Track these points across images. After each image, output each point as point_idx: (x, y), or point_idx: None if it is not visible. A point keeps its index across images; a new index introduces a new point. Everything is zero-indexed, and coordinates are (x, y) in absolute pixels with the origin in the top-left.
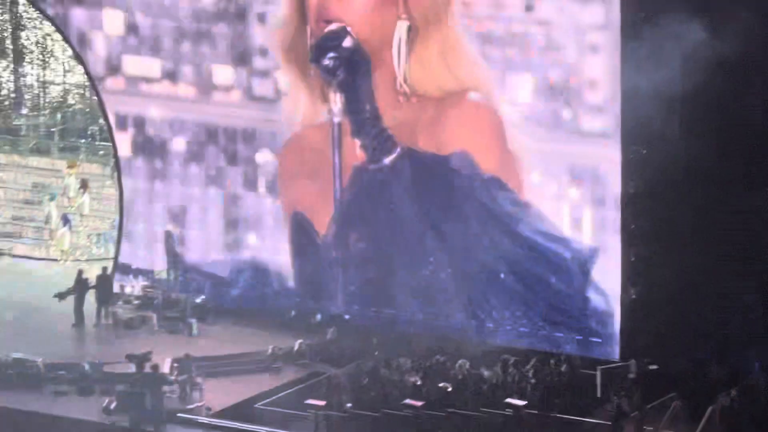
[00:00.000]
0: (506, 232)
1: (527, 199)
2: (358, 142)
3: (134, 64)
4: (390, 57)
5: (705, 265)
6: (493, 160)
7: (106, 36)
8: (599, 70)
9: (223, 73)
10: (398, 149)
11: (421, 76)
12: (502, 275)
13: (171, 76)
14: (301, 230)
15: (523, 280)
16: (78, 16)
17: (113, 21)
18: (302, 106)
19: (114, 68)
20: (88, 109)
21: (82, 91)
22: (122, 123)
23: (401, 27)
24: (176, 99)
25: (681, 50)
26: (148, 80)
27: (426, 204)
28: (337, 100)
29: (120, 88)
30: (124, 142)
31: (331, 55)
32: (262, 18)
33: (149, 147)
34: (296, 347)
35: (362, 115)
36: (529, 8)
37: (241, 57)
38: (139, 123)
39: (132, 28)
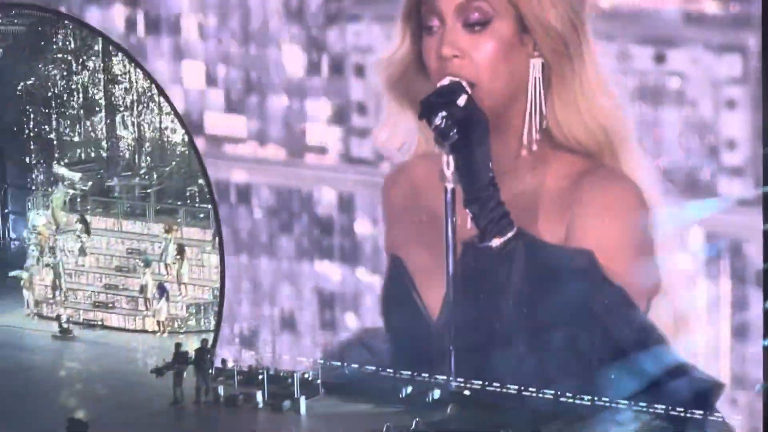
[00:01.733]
0: (626, 356)
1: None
2: (469, 214)
3: (217, 123)
4: (517, 115)
5: None
6: (623, 264)
7: (186, 90)
8: (737, 127)
9: (318, 132)
10: (513, 231)
11: (566, 115)
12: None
13: (259, 136)
14: (397, 278)
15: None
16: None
17: (193, 74)
18: (406, 136)
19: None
20: (185, 169)
21: (180, 150)
22: None
23: (536, 65)
24: (264, 162)
25: None
26: (233, 141)
27: (536, 300)
28: (450, 164)
29: (201, 149)
30: None
31: (443, 114)
32: (360, 71)
33: (233, 215)
34: (413, 426)
35: (477, 184)
36: (659, 59)
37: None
38: (223, 188)
39: (213, 81)
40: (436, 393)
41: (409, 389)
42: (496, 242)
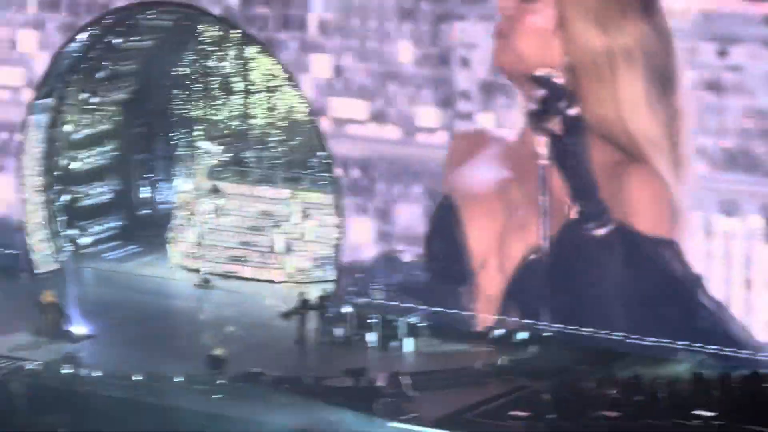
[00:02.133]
0: (703, 332)
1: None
2: (575, 207)
3: (340, 106)
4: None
5: None
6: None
7: (312, 78)
8: None
9: (428, 115)
10: (613, 223)
11: (598, 109)
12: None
13: (377, 117)
14: (445, 216)
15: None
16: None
17: (319, 64)
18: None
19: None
20: (309, 143)
21: (304, 127)
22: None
23: (564, 63)
24: (381, 140)
25: None
26: (354, 122)
27: (631, 284)
28: (545, 145)
29: (326, 128)
30: None
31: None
32: (465, 63)
33: (355, 188)
34: (499, 362)
35: (581, 183)
36: (722, 54)
37: (445, 100)
38: (345, 164)
39: (338, 71)
40: (522, 334)
41: (500, 332)
42: (600, 231)
